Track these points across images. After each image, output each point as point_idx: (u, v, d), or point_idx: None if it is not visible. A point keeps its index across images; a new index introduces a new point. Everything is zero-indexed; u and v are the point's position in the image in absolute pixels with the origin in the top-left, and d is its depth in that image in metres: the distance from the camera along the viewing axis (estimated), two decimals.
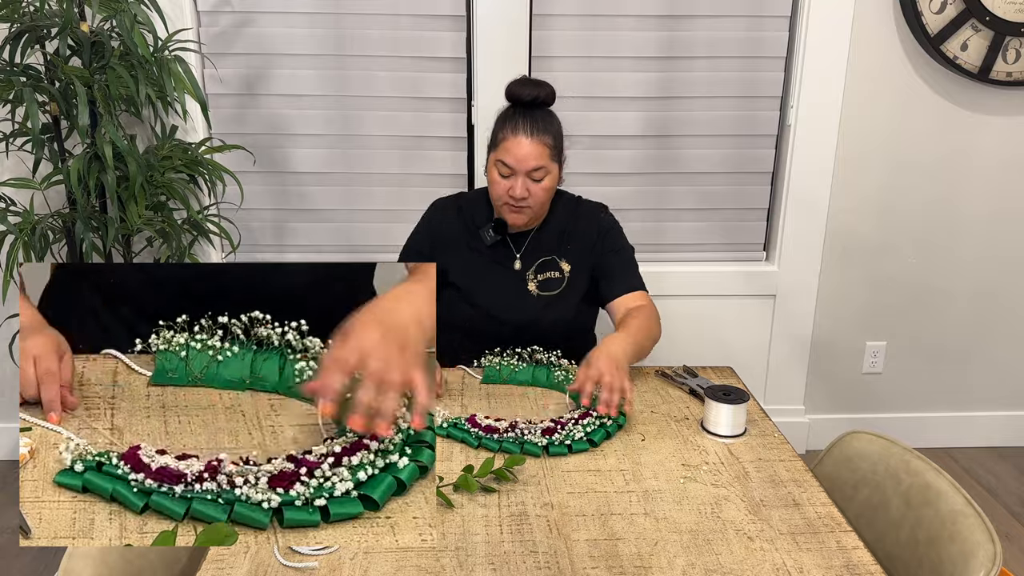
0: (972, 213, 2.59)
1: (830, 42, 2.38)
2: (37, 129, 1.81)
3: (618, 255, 1.80)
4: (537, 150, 1.64)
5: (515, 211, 1.70)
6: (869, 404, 2.77)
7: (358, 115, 2.42)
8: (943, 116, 2.48)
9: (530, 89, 1.66)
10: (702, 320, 2.62)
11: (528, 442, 1.36)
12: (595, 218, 1.82)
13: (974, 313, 2.69)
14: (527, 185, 1.66)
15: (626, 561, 1.09)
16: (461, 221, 1.81)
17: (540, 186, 1.67)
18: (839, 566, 1.09)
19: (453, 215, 1.82)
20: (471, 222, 1.80)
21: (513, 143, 1.64)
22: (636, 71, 2.42)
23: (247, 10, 2.31)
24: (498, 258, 1.79)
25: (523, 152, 1.64)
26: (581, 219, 1.81)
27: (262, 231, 2.52)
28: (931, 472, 1.27)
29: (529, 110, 1.67)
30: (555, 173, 1.70)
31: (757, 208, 2.60)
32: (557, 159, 1.70)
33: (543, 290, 1.77)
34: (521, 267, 1.78)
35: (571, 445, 1.37)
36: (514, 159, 1.64)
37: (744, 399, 1.44)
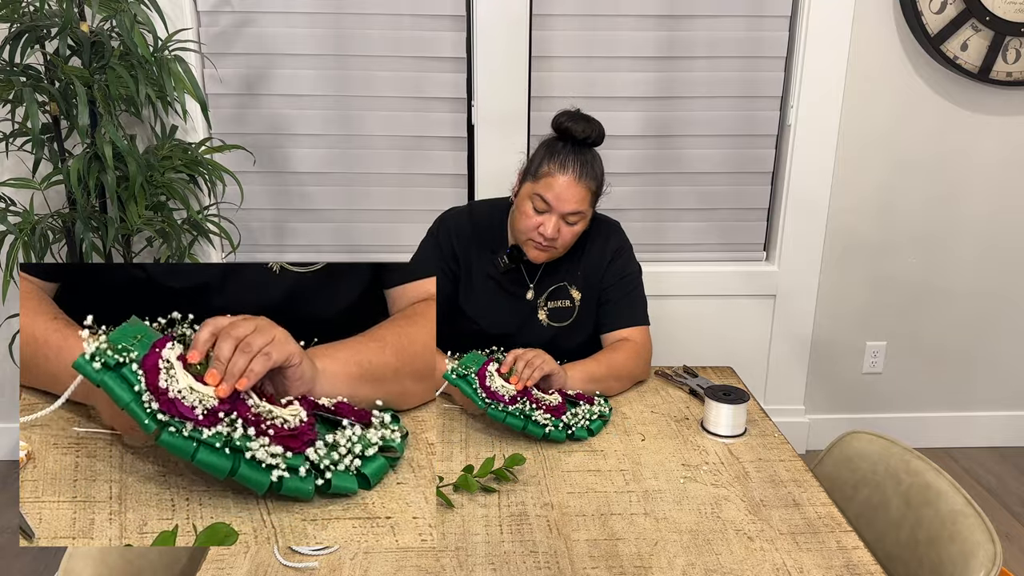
0: (972, 213, 2.59)
1: (830, 42, 2.38)
2: (37, 129, 1.81)
3: (622, 284, 1.71)
4: (580, 194, 1.56)
5: (539, 249, 1.61)
6: (869, 404, 2.77)
7: (358, 115, 2.42)
8: (943, 116, 2.48)
9: (583, 126, 1.56)
10: (702, 320, 2.62)
11: (533, 421, 1.37)
12: (608, 241, 1.73)
13: (974, 313, 2.69)
14: (559, 226, 1.57)
15: (626, 561, 1.09)
16: (473, 239, 1.72)
17: (572, 229, 1.60)
18: (839, 566, 1.09)
19: (466, 232, 1.72)
20: (484, 243, 1.71)
21: (558, 181, 1.54)
22: (636, 71, 2.42)
23: (247, 10, 2.32)
24: (510, 285, 1.71)
25: (567, 193, 1.54)
26: (593, 239, 1.72)
27: (262, 231, 2.52)
28: (931, 472, 1.27)
29: (579, 148, 1.57)
30: (589, 217, 1.62)
31: (757, 208, 2.60)
32: (594, 204, 1.62)
33: (553, 320, 1.71)
34: (534, 296, 1.71)
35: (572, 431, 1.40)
36: (555, 197, 1.55)
37: (744, 399, 1.45)
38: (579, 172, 1.55)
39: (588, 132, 1.57)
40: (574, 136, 1.57)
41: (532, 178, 1.59)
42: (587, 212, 1.60)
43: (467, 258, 1.71)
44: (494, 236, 1.72)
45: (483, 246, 1.71)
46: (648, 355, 1.70)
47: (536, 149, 1.63)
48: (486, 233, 1.72)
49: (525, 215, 1.59)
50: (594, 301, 1.73)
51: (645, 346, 1.69)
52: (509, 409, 1.38)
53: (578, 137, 1.57)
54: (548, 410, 1.41)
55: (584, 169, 1.56)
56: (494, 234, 1.72)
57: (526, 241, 1.62)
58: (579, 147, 1.58)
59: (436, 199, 2.49)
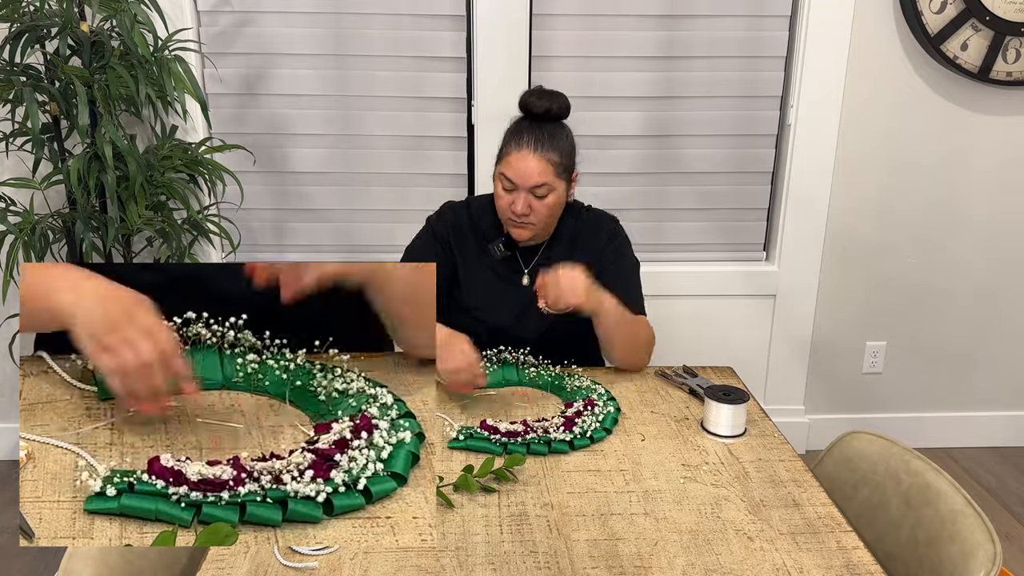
0: (972, 213, 2.59)
1: (830, 42, 2.38)
2: (37, 129, 1.81)
3: (619, 274, 1.72)
4: (540, 166, 1.58)
5: (517, 226, 1.65)
6: (869, 404, 2.77)
7: (358, 115, 2.42)
8: (943, 116, 2.48)
9: (542, 101, 1.59)
10: (702, 320, 2.62)
11: (556, 440, 1.37)
12: (602, 230, 1.75)
13: (974, 313, 2.69)
14: (529, 201, 1.60)
15: (626, 561, 1.09)
16: (471, 231, 1.75)
17: (543, 203, 1.61)
18: (839, 566, 1.09)
19: (464, 224, 1.75)
20: (479, 233, 1.74)
21: (516, 158, 1.59)
22: (636, 71, 2.42)
23: (247, 10, 2.31)
24: (506, 273, 1.74)
25: (526, 168, 1.58)
26: (589, 229, 1.75)
27: (262, 231, 2.52)
28: (931, 472, 1.27)
29: (538, 123, 1.61)
30: (561, 190, 1.63)
31: (757, 208, 2.60)
32: (565, 176, 1.63)
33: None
34: (529, 282, 1.72)
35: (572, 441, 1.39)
36: (516, 174, 1.59)
37: (744, 399, 1.44)
38: (535, 145, 1.58)
39: (547, 106, 1.60)
40: (533, 111, 1.61)
41: (498, 161, 1.64)
42: (554, 184, 1.62)
43: (464, 248, 1.74)
44: (491, 227, 1.74)
45: (480, 237, 1.74)
46: (651, 341, 1.71)
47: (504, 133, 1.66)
48: (483, 224, 1.75)
49: (498, 196, 1.65)
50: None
51: (648, 331, 1.71)
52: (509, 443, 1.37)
53: (536, 112, 1.61)
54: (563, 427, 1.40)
55: (541, 142, 1.59)
56: (490, 225, 1.74)
57: (507, 222, 1.66)
58: (539, 121, 1.61)
59: (436, 199, 2.46)
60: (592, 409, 1.48)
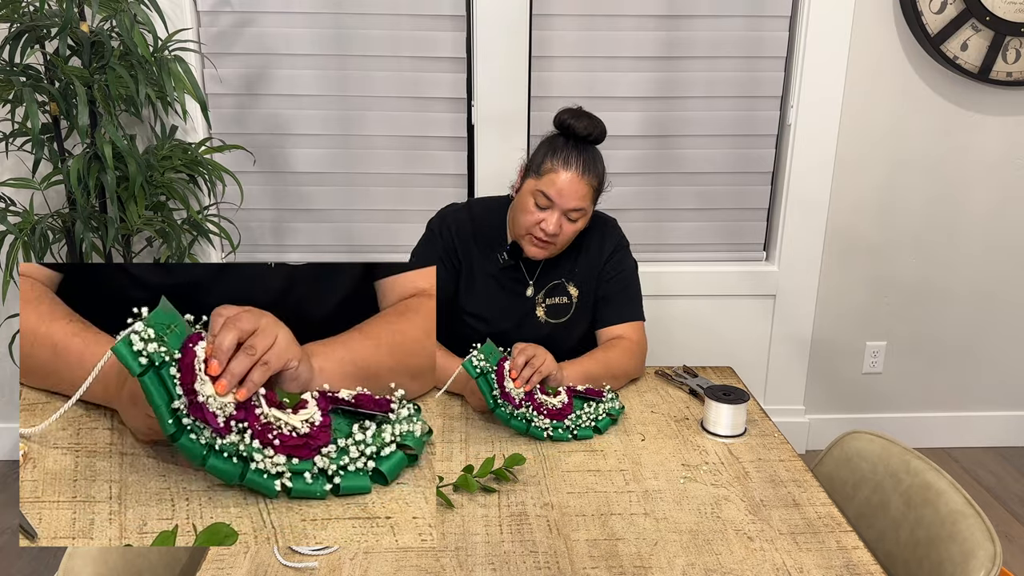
0: (972, 213, 2.59)
1: (830, 42, 2.38)
2: (37, 129, 1.81)
3: (619, 280, 1.72)
4: (583, 190, 1.56)
5: (538, 245, 1.61)
6: (869, 404, 2.77)
7: (358, 115, 2.42)
8: (943, 116, 2.48)
9: (586, 123, 1.57)
10: (702, 320, 2.62)
11: (535, 426, 1.38)
12: (602, 234, 1.74)
13: (974, 313, 2.69)
14: (561, 222, 1.57)
15: (626, 561, 1.09)
16: (472, 236, 1.72)
17: (573, 226, 1.60)
18: (839, 566, 1.09)
19: (467, 229, 1.72)
20: (482, 239, 1.71)
21: (564, 178, 1.54)
22: (636, 71, 2.42)
23: (247, 10, 2.32)
24: (509, 282, 1.71)
25: (572, 190, 1.54)
26: (593, 235, 1.72)
27: (262, 231, 2.52)
28: (931, 472, 1.27)
29: (582, 145, 1.58)
30: (590, 214, 1.63)
31: (757, 208, 2.60)
32: (596, 201, 1.63)
33: (551, 316, 1.70)
34: (533, 292, 1.71)
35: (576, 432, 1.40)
36: (558, 194, 1.55)
37: (744, 399, 1.45)
38: (582, 169, 1.55)
39: (591, 129, 1.57)
40: (576, 133, 1.57)
41: (535, 175, 1.58)
42: (588, 209, 1.61)
43: (468, 255, 1.71)
44: (494, 234, 1.72)
45: (483, 243, 1.71)
46: (643, 352, 1.70)
47: (538, 146, 1.62)
48: (486, 230, 1.72)
49: (527, 211, 1.59)
50: (591, 298, 1.73)
51: (640, 343, 1.69)
52: (515, 413, 1.38)
53: (580, 134, 1.57)
54: (551, 414, 1.41)
55: (587, 166, 1.56)
56: (494, 231, 1.72)
57: (525, 236, 1.62)
58: (581, 144, 1.58)
59: (436, 199, 2.48)
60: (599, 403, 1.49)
